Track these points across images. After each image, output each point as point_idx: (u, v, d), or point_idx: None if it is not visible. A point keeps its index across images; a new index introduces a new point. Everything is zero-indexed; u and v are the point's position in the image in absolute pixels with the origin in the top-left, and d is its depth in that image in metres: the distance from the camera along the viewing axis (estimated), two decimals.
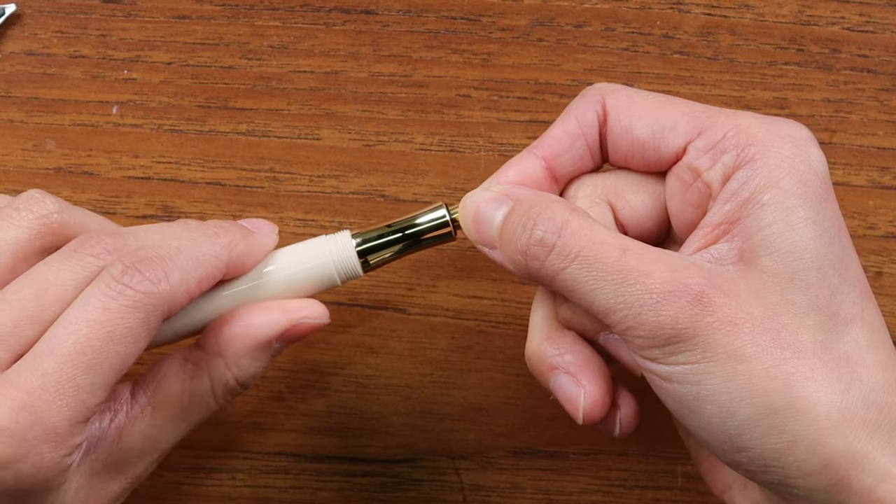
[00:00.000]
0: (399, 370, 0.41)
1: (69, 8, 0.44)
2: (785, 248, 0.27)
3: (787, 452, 0.26)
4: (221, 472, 0.40)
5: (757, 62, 0.43)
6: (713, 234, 0.28)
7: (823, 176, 0.28)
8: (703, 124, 0.29)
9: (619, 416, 0.31)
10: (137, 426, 0.30)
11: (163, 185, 0.42)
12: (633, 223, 0.32)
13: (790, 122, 0.29)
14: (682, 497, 0.40)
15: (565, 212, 0.28)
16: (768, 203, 0.27)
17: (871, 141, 0.43)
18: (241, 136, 0.43)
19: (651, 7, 0.44)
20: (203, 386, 0.32)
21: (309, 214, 0.42)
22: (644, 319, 0.27)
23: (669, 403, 0.28)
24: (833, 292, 0.27)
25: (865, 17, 0.44)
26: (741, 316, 0.26)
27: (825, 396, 0.26)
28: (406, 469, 0.40)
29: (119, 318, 0.27)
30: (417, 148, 0.42)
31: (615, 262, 0.27)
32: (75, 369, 0.27)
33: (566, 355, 0.31)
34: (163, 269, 0.28)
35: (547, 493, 0.40)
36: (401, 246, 0.33)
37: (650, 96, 0.31)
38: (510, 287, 0.41)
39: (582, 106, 0.31)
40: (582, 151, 0.31)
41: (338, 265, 0.33)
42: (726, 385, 0.26)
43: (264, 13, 0.44)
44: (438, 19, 0.44)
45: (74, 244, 0.29)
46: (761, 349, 0.26)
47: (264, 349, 0.32)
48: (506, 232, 0.30)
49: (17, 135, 0.42)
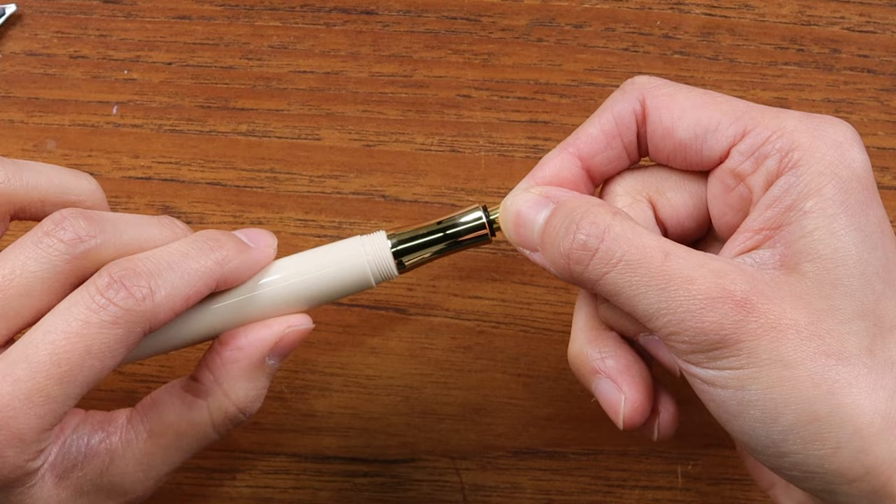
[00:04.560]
0: (399, 370, 0.41)
1: (69, 8, 0.44)
2: (827, 255, 0.27)
3: (830, 459, 0.26)
4: (222, 472, 0.40)
5: (757, 62, 0.43)
6: (755, 238, 0.28)
7: (866, 180, 0.28)
8: (745, 125, 0.29)
9: (657, 422, 0.31)
10: (131, 451, 0.30)
11: (163, 186, 0.42)
12: (674, 221, 0.31)
13: (835, 122, 0.29)
14: (682, 497, 0.40)
15: (608, 215, 0.28)
16: (811, 210, 0.27)
17: (871, 141, 0.43)
18: (241, 136, 0.43)
19: (651, 7, 0.44)
20: (201, 416, 0.31)
21: (309, 215, 0.42)
22: (688, 325, 0.26)
23: (712, 407, 0.28)
24: (878, 298, 0.27)
25: (865, 17, 0.44)
26: (785, 322, 0.26)
27: (869, 403, 0.26)
28: (406, 469, 0.40)
29: (98, 332, 0.27)
30: (417, 148, 0.42)
31: (658, 267, 0.27)
32: (48, 380, 0.27)
33: (608, 359, 0.31)
34: (149, 285, 0.28)
35: (547, 493, 0.40)
36: (437, 248, 0.33)
37: (691, 93, 0.30)
38: (510, 287, 0.41)
39: (620, 102, 0.31)
40: (618, 151, 0.31)
41: (373, 266, 0.32)
42: (770, 391, 0.26)
43: (264, 13, 0.44)
44: (438, 19, 0.44)
45: (46, 225, 0.28)
46: (806, 355, 0.26)
47: (259, 369, 0.32)
48: (548, 235, 0.29)
49: (18, 135, 0.42)
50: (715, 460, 0.40)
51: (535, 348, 0.41)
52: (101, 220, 0.29)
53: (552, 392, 0.40)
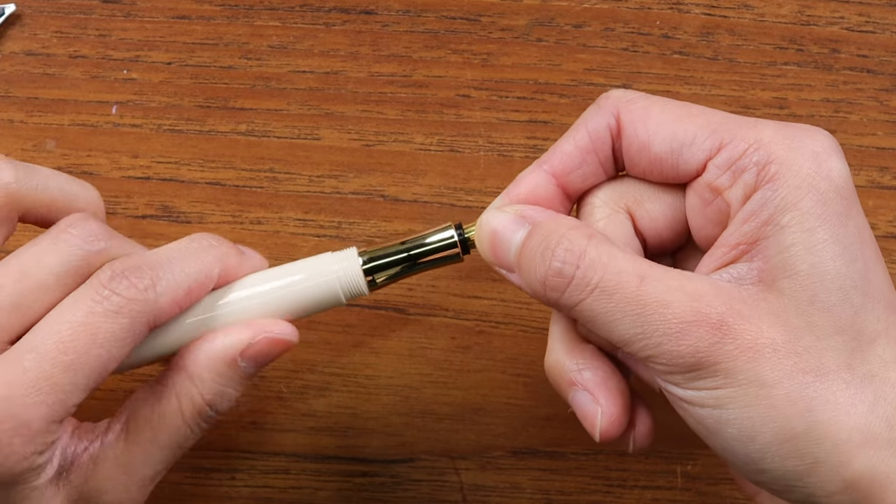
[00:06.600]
0: (399, 370, 0.41)
1: (69, 8, 0.44)
2: (804, 271, 0.27)
3: (809, 474, 0.26)
4: (221, 472, 0.40)
5: (757, 62, 0.43)
6: (732, 253, 0.28)
7: (845, 191, 0.28)
8: (722, 138, 0.29)
9: (633, 434, 0.31)
10: (112, 452, 0.30)
11: (162, 185, 0.42)
12: (652, 232, 0.31)
13: (813, 132, 0.28)
14: (681, 497, 0.40)
15: (583, 240, 0.28)
16: (788, 224, 0.27)
17: (870, 141, 0.43)
18: (240, 136, 0.43)
19: (651, 7, 0.44)
20: (171, 404, 0.31)
21: (308, 214, 0.42)
22: (664, 349, 0.26)
23: (690, 423, 0.28)
24: (856, 311, 0.27)
25: (865, 17, 0.44)
26: (762, 342, 0.26)
27: (847, 419, 0.26)
28: (405, 469, 0.40)
29: (103, 321, 0.27)
30: (417, 148, 0.42)
31: (634, 293, 0.27)
32: (54, 368, 0.27)
33: (585, 371, 0.30)
34: (150, 277, 0.29)
35: (546, 492, 0.40)
36: (407, 265, 0.33)
37: (667, 106, 0.30)
38: (510, 287, 0.41)
39: (595, 118, 0.31)
40: (594, 167, 0.31)
41: (343, 283, 0.32)
42: (747, 410, 0.26)
43: (264, 13, 0.44)
44: (438, 19, 0.44)
45: (62, 225, 0.30)
46: (783, 374, 0.26)
47: (229, 365, 0.31)
48: (524, 258, 0.29)
49: (17, 135, 0.42)
50: (715, 460, 0.40)
51: (534, 348, 0.41)
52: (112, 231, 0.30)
53: (551, 392, 0.40)
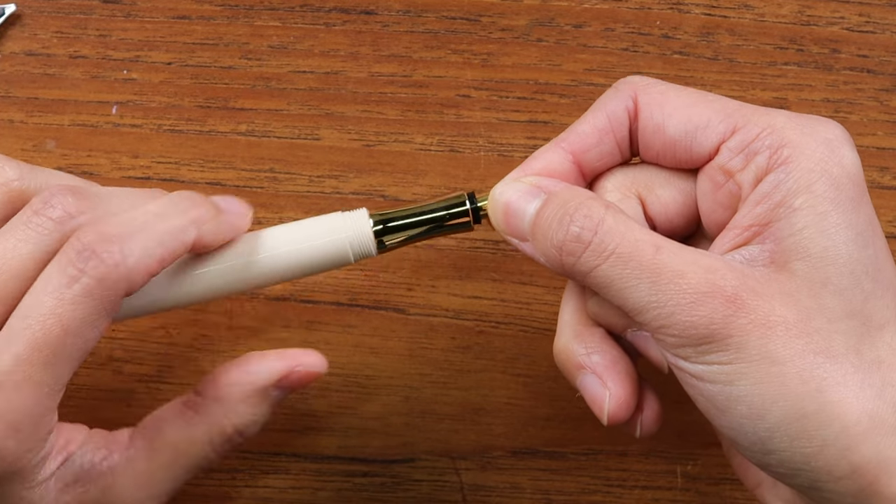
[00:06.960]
0: (399, 370, 0.41)
1: (69, 8, 0.44)
2: (817, 254, 0.27)
3: (816, 457, 0.26)
4: (221, 472, 0.40)
5: (757, 62, 0.43)
6: (744, 235, 0.28)
7: (857, 178, 0.28)
8: (736, 123, 0.29)
9: (640, 418, 0.31)
10: (133, 469, 0.30)
11: (162, 186, 0.42)
12: (663, 218, 0.32)
13: (825, 121, 0.29)
14: (681, 497, 0.40)
15: (601, 208, 0.28)
16: (800, 207, 0.27)
17: (870, 141, 0.43)
18: (240, 136, 0.43)
19: (651, 7, 0.44)
20: (200, 432, 0.31)
21: (309, 214, 0.42)
22: (677, 319, 0.26)
23: (700, 402, 0.28)
24: (867, 297, 0.27)
25: (865, 17, 0.44)
26: (774, 319, 0.26)
27: (856, 402, 0.26)
28: (405, 469, 0.40)
29: (73, 308, 0.27)
30: (417, 148, 0.42)
31: (650, 261, 0.27)
32: (33, 367, 0.27)
33: (593, 355, 0.31)
34: (120, 249, 0.28)
35: (546, 493, 0.40)
36: (419, 230, 0.33)
37: (683, 92, 0.30)
38: (510, 287, 0.41)
39: (613, 100, 0.31)
40: (610, 147, 0.31)
41: (353, 242, 0.32)
42: (758, 387, 0.26)
43: (264, 13, 0.44)
44: (438, 19, 0.44)
45: (36, 204, 0.29)
46: (794, 353, 0.26)
47: (262, 396, 0.32)
48: (539, 226, 0.29)
49: (17, 135, 0.43)
50: (715, 460, 0.40)
51: (534, 348, 0.41)
52: (89, 196, 0.29)
53: (552, 392, 0.40)
